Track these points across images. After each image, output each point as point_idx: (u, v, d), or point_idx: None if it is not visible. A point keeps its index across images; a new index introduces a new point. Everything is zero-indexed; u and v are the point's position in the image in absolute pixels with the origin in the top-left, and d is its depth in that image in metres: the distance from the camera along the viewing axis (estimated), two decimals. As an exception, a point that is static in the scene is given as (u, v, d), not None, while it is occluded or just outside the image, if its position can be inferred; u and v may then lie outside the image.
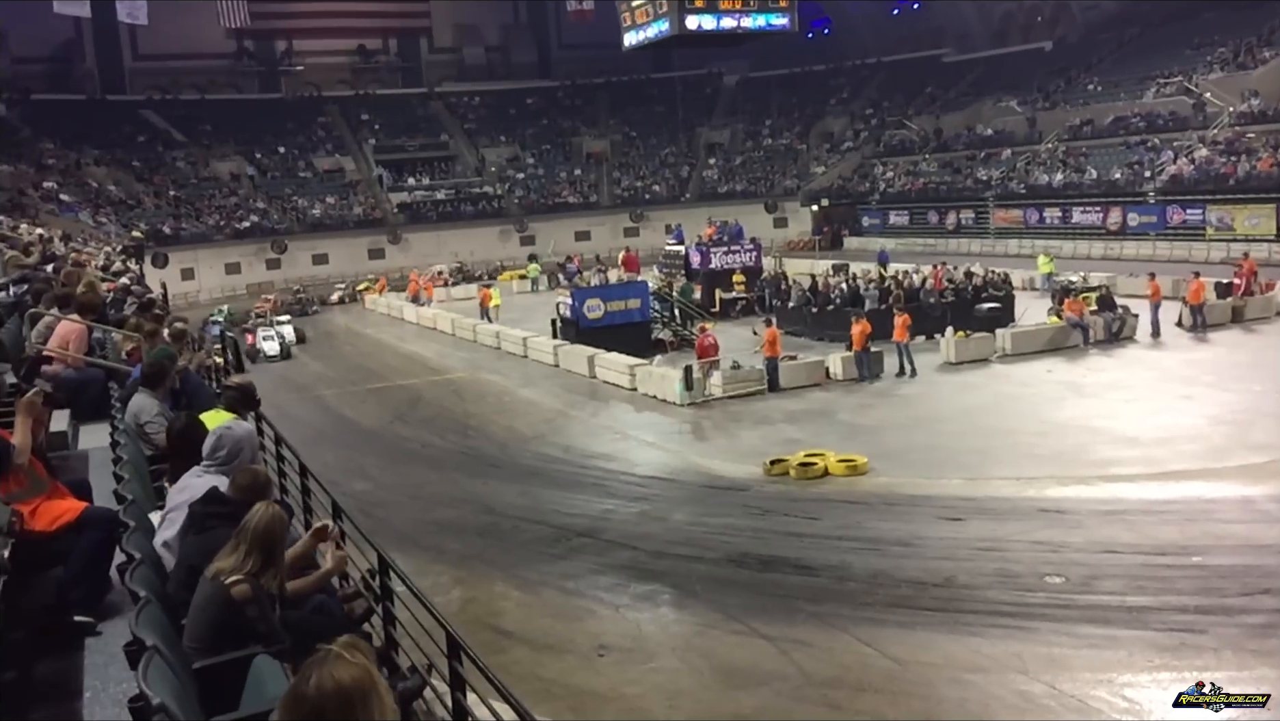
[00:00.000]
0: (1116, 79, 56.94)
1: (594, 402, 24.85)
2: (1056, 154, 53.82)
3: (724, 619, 11.84)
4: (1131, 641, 10.54)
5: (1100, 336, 26.64)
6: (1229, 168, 43.66)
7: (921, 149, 63.99)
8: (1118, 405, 20.67)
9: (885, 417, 21.35)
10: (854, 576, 12.95)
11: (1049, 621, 11.20)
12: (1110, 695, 9.42)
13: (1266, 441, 17.17)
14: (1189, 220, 44.18)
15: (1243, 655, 10.05)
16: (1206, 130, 47.09)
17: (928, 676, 10.14)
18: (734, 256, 38.17)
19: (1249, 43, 50.97)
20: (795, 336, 29.24)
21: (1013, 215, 53.04)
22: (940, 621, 11.42)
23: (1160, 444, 17.52)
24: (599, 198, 70.13)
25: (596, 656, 11.07)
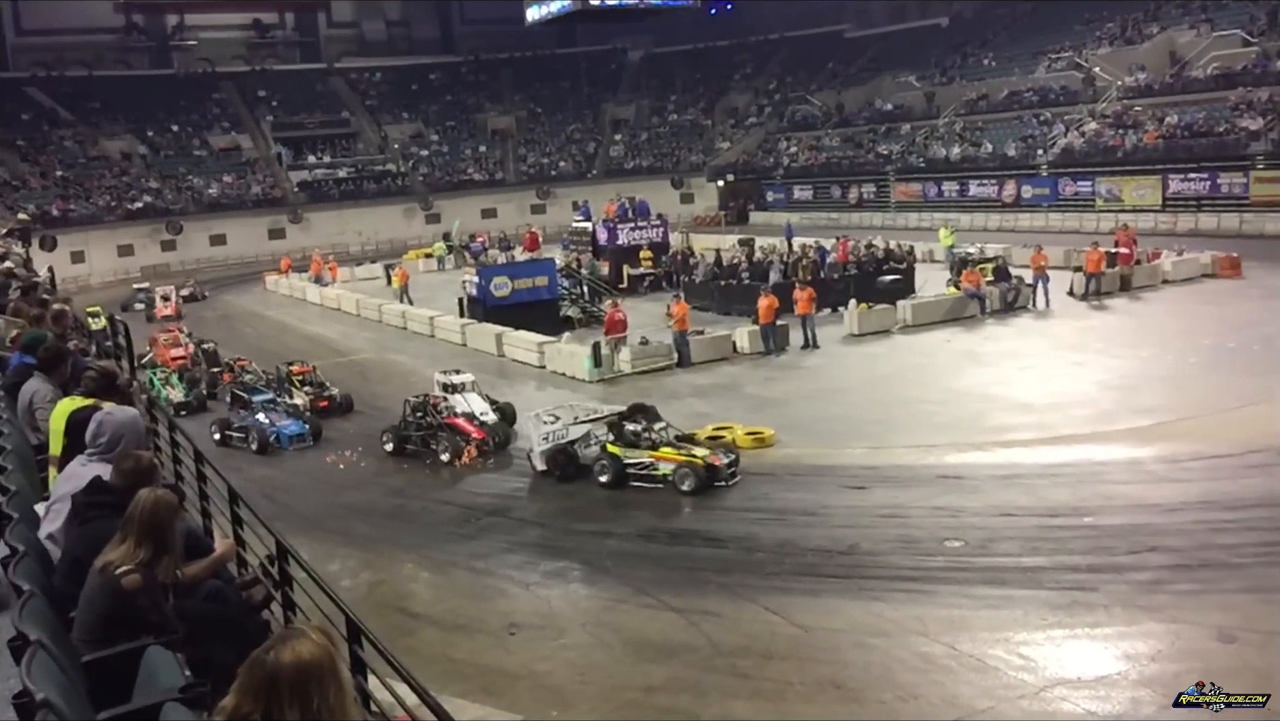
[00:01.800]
0: (1010, 54, 58.24)
1: (502, 381, 24.71)
2: (954, 128, 54.89)
3: (634, 593, 11.93)
4: (1027, 601, 10.90)
5: (996, 306, 27.37)
6: (1117, 140, 45.03)
7: (824, 124, 64.73)
8: (1013, 373, 21.28)
9: (791, 390, 21.66)
10: (761, 547, 13.15)
11: (949, 584, 11.53)
12: (1007, 653, 9.75)
13: (1153, 405, 17.86)
14: (1080, 192, 45.53)
15: (1131, 611, 10.48)
16: (1096, 104, 48.47)
17: (833, 642, 10.36)
18: (641, 233, 38.24)
19: (1135, 18, 52.54)
20: (703, 311, 29.41)
21: (912, 189, 54.04)
22: (845, 588, 11.68)
23: (1053, 409, 18.09)
24: (505, 175, 69.57)
25: (507, 634, 11.08)
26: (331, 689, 2.82)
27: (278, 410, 20.65)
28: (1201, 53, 46.35)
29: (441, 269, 48.34)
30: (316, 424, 20.40)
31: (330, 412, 21.71)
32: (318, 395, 22.12)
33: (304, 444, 19.64)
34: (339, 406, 22.11)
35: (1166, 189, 41.93)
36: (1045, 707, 8.76)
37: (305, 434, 19.81)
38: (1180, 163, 41.75)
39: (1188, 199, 41.27)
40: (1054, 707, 8.76)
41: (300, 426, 19.96)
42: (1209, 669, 9.20)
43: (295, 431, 19.77)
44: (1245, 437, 15.54)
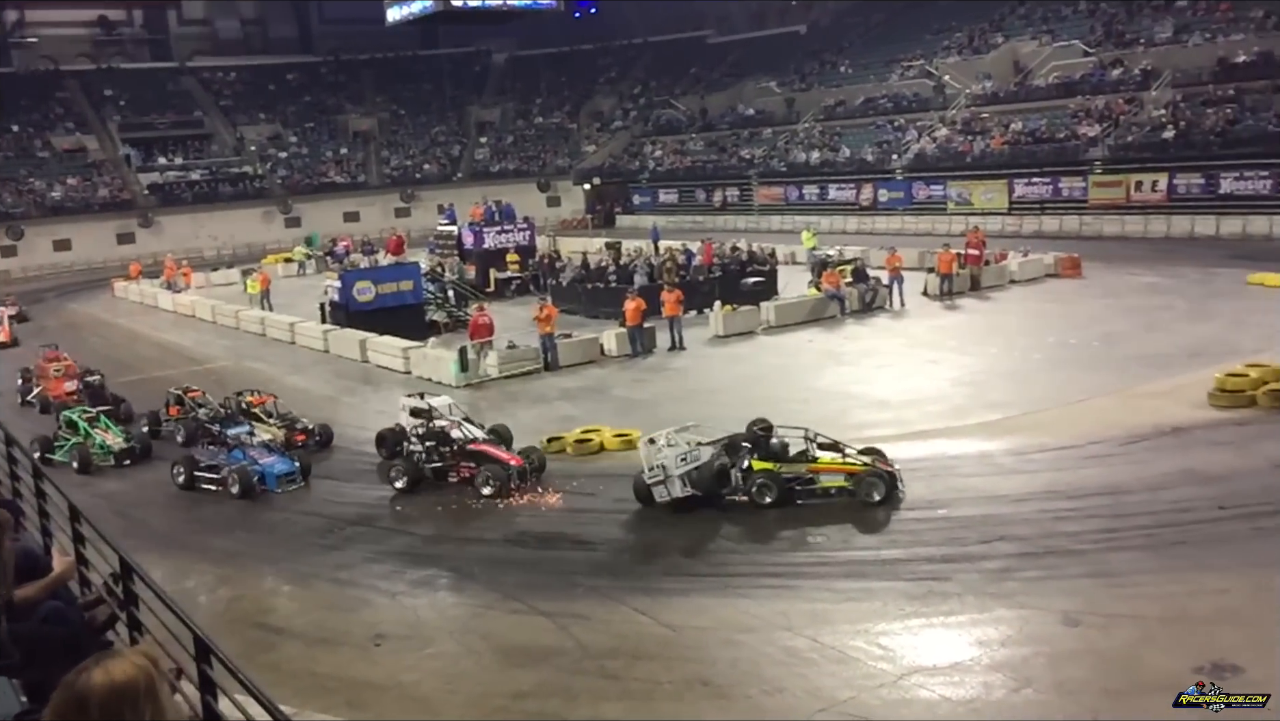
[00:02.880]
0: (865, 62, 59.96)
1: (366, 387, 24.30)
2: (813, 133, 56.22)
3: (502, 598, 11.86)
4: (885, 592, 11.23)
5: (855, 307, 28.15)
6: (966, 146, 46.83)
7: (688, 128, 65.51)
8: (872, 371, 21.92)
9: (659, 391, 21.85)
10: (630, 548, 13.25)
11: (811, 579, 11.80)
12: (867, 644, 10.03)
13: (1002, 400, 18.63)
14: (933, 195, 47.20)
15: (983, 598, 10.90)
16: (946, 111, 50.31)
17: (701, 640, 10.49)
18: (508, 236, 38.05)
19: (981, 28, 54.74)
20: (570, 314, 29.43)
21: (775, 192, 55.12)
22: (712, 586, 11.84)
23: (909, 405, 18.71)
24: (368, 177, 68.33)
25: (373, 646, 10.88)
26: (148, 710, 2.74)
27: (258, 446, 17.44)
28: (1043, 62, 48.56)
29: (302, 274, 47.18)
30: (306, 460, 17.32)
31: (305, 449, 18.50)
32: (290, 428, 18.92)
33: (294, 484, 16.50)
34: (317, 441, 18.93)
35: (1012, 193, 43.82)
36: (903, 695, 9.04)
37: (295, 472, 16.64)
38: (1025, 167, 43.68)
39: (1032, 202, 43.21)
40: (911, 695, 9.05)
41: (289, 463, 16.75)
42: (1055, 652, 9.67)
43: (284, 470, 16.54)
44: (1086, 430, 16.34)
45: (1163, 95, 42.06)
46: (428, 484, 16.18)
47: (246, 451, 17.00)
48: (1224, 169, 37.34)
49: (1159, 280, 29.21)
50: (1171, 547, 11.82)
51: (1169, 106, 41.09)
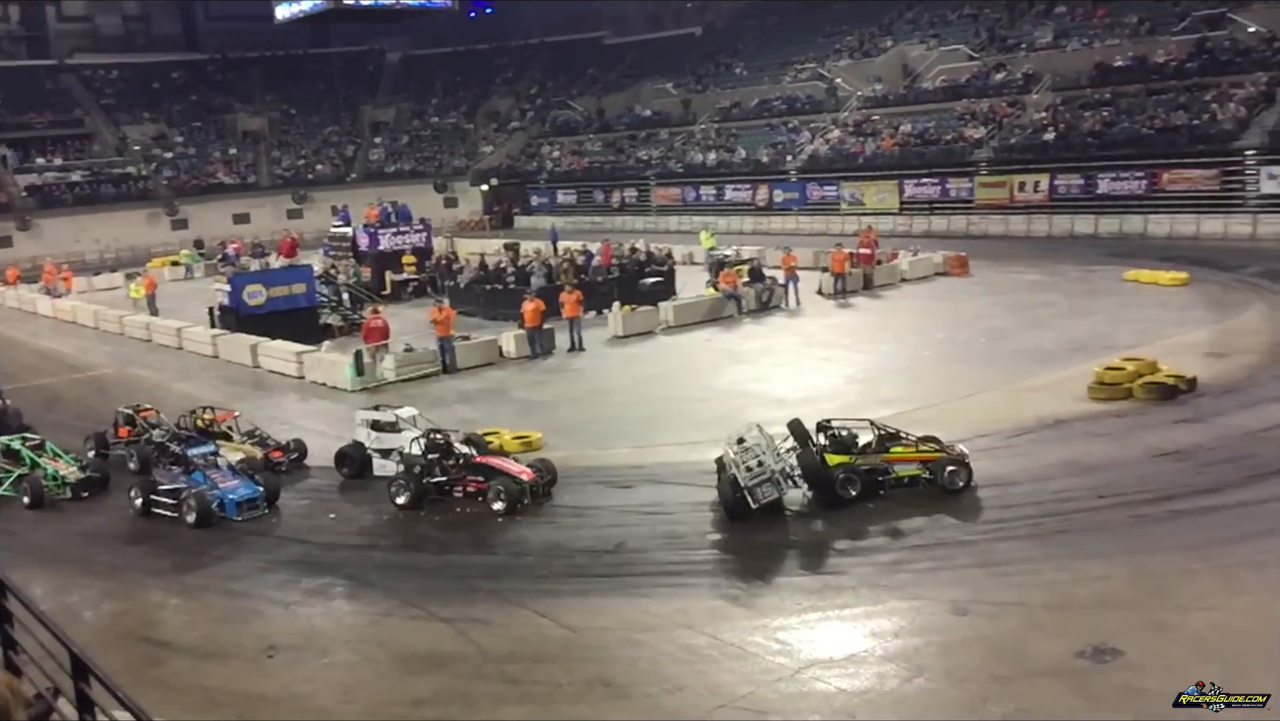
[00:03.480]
0: (760, 64, 60.72)
1: (258, 394, 23.73)
2: (709, 134, 56.72)
3: (401, 605, 11.71)
4: (784, 587, 11.41)
5: (752, 306, 28.49)
6: (858, 147, 47.77)
7: (586, 129, 65.52)
8: (769, 369, 22.21)
9: (558, 393, 21.81)
10: (530, 550, 13.18)
11: (711, 576, 11.92)
12: (765, 639, 10.15)
13: (893, 395, 19.04)
14: (827, 196, 48.03)
15: (877, 590, 11.13)
16: (838, 113, 51.24)
17: (602, 640, 10.50)
18: (404, 237, 37.58)
19: (871, 33, 55.89)
20: (469, 316, 29.20)
21: (672, 193, 55.47)
22: (613, 586, 11.86)
23: (805, 403, 18.91)
24: (258, 178, 66.77)
25: (265, 658, 10.63)
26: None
27: (221, 468, 15.73)
28: (930, 66, 49.81)
29: (190, 277, 45.91)
30: (274, 483, 15.75)
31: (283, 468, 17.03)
32: (264, 445, 17.48)
33: (256, 511, 15.03)
34: (295, 459, 17.46)
35: (903, 193, 44.85)
36: (800, 689, 9.18)
37: (258, 498, 15.15)
38: (914, 168, 44.76)
39: (922, 202, 44.28)
40: (809, 688, 9.19)
41: (252, 488, 15.22)
42: (946, 641, 9.93)
43: (246, 495, 15.05)
44: (974, 423, 16.78)
45: (1043, 98, 43.49)
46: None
47: (209, 474, 15.38)
48: (1101, 170, 38.80)
49: (1041, 278, 30.18)
50: (1055, 536, 12.23)
51: (1049, 109, 42.51)
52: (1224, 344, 20.90)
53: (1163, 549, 11.68)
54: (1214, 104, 37.61)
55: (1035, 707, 8.71)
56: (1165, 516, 12.68)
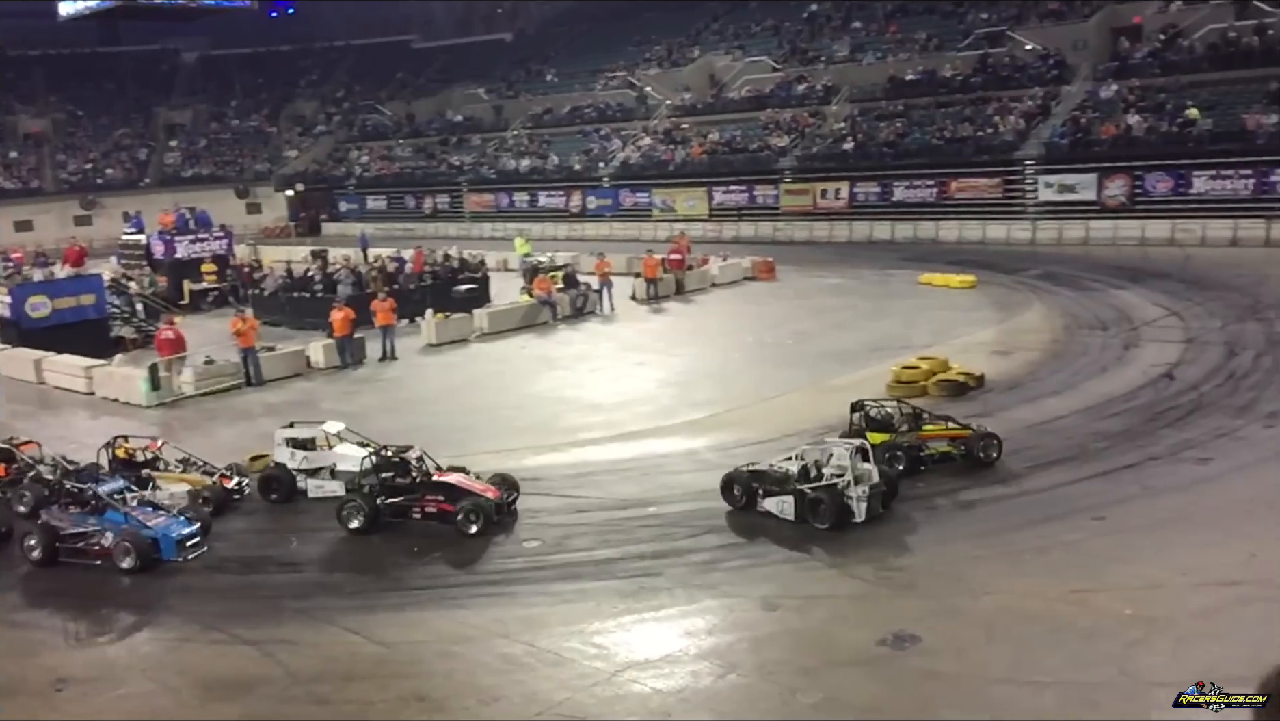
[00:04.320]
0: (571, 71, 61.01)
1: (44, 412, 22.28)
2: (522, 141, 56.62)
3: (202, 629, 11.20)
4: (600, 592, 11.46)
5: (567, 312, 28.61)
6: (668, 155, 48.61)
7: (395, 134, 64.34)
8: (584, 375, 22.35)
9: (371, 403, 21.31)
10: (341, 566, 12.85)
11: (528, 584, 11.87)
12: (582, 644, 10.20)
13: (706, 398, 19.46)
14: (639, 202, 48.70)
15: (691, 590, 11.34)
16: (648, 121, 52.02)
17: (416, 654, 10.31)
18: (203, 245, 36.01)
19: (679, 42, 57.00)
20: (275, 326, 28.22)
21: (486, 199, 55.09)
22: (428, 599, 11.67)
23: (620, 408, 19.20)
24: (41, 183, 62.73)
25: (54, 692, 9.99)
26: None
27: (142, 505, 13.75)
28: (736, 76, 51.17)
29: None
30: (205, 517, 13.94)
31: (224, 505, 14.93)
32: (209, 473, 15.49)
33: (200, 550, 13.31)
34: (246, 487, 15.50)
35: (712, 200, 45.91)
36: (617, 691, 9.26)
37: (198, 534, 13.42)
38: (723, 176, 45.89)
39: (730, 209, 45.44)
40: (625, 690, 9.28)
41: (186, 524, 13.39)
42: (757, 636, 10.21)
43: (187, 532, 13.24)
44: (783, 423, 17.36)
45: (842, 109, 45.32)
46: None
47: (130, 513, 13.36)
48: (896, 178, 40.74)
49: (843, 281, 31.43)
50: (858, 529, 12.73)
51: (848, 120, 44.33)
52: (1008, 342, 22.24)
53: (955, 538, 12.35)
54: (996, 117, 40.01)
55: (841, 696, 9.07)
56: (957, 507, 13.42)
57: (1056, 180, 37.07)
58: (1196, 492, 13.25)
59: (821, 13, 53.27)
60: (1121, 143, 35.94)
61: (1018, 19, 44.60)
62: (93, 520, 13.39)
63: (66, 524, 13.44)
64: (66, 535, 13.35)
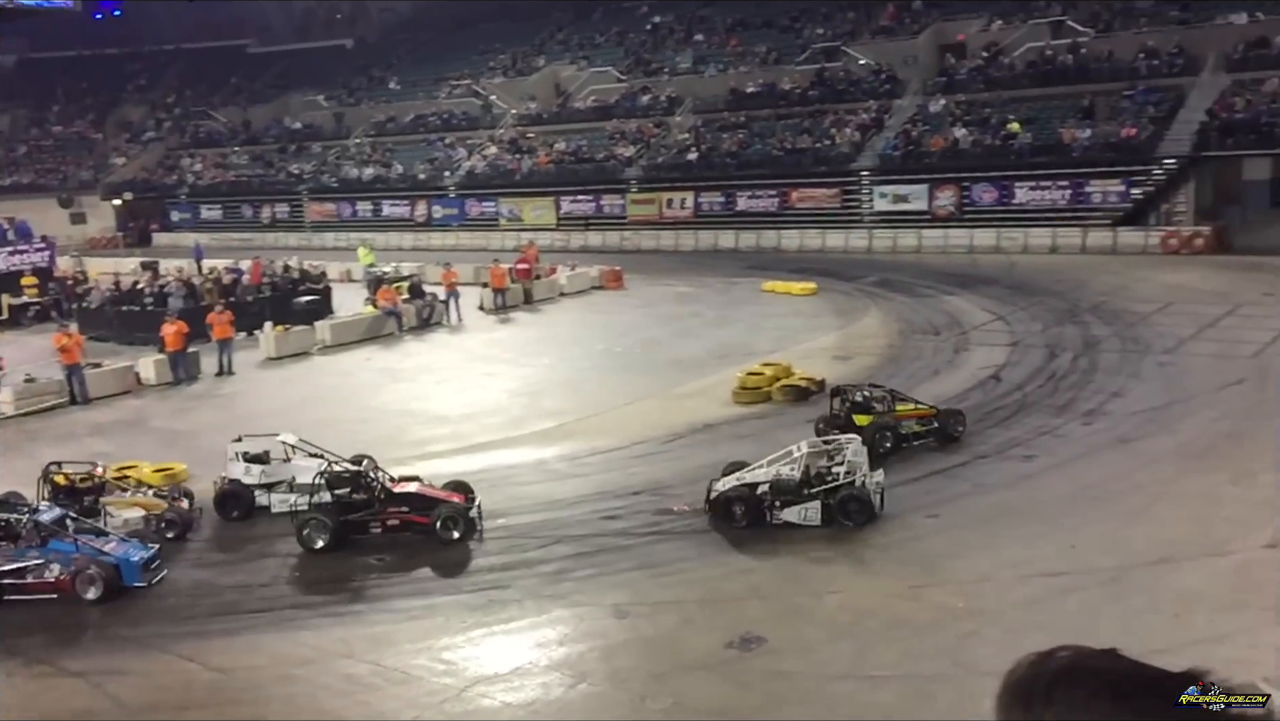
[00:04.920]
0: (414, 79, 60.11)
1: None
2: (365, 149, 55.52)
3: (25, 662, 10.59)
4: (448, 607, 11.32)
5: (413, 323, 28.15)
6: (515, 164, 48.42)
7: (231, 141, 62.18)
8: (430, 387, 22.05)
9: (206, 420, 20.52)
10: (174, 591, 12.32)
11: (373, 601, 11.64)
12: (430, 661, 10.05)
13: (555, 408, 19.43)
14: (486, 212, 48.32)
15: (541, 601, 11.31)
16: (494, 130, 51.72)
17: (255, 680, 9.98)
18: (22, 257, 34.18)
19: (524, 51, 56.83)
20: (102, 341, 26.92)
21: (327, 209, 53.75)
22: (267, 621, 11.30)
23: (467, 419, 19.01)
24: None
25: None
26: None
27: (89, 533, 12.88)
28: (582, 86, 51.34)
29: None
30: (156, 540, 13.26)
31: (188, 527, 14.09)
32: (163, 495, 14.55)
33: (161, 573, 12.54)
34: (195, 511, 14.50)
35: (560, 209, 45.91)
36: (466, 707, 9.16)
37: (157, 556, 12.69)
38: (570, 185, 45.93)
39: (578, 218, 45.51)
40: (474, 705, 9.18)
41: (144, 548, 12.67)
42: (608, 644, 10.25)
43: (147, 556, 12.45)
44: (632, 431, 17.49)
45: (686, 120, 45.97)
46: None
47: (80, 541, 12.46)
48: (739, 189, 41.53)
49: (690, 290, 31.84)
50: (708, 534, 12.92)
51: (692, 131, 44.99)
52: (848, 347, 22.95)
53: (799, 539, 12.64)
54: (833, 129, 41.24)
55: (690, 699, 9.18)
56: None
57: (890, 191, 38.42)
58: (1022, 488, 13.93)
59: (664, 25, 53.94)
60: (950, 155, 37.53)
61: (851, 35, 46.08)
62: (33, 553, 12.34)
63: (7, 559, 12.32)
64: (6, 571, 12.24)
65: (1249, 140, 32.52)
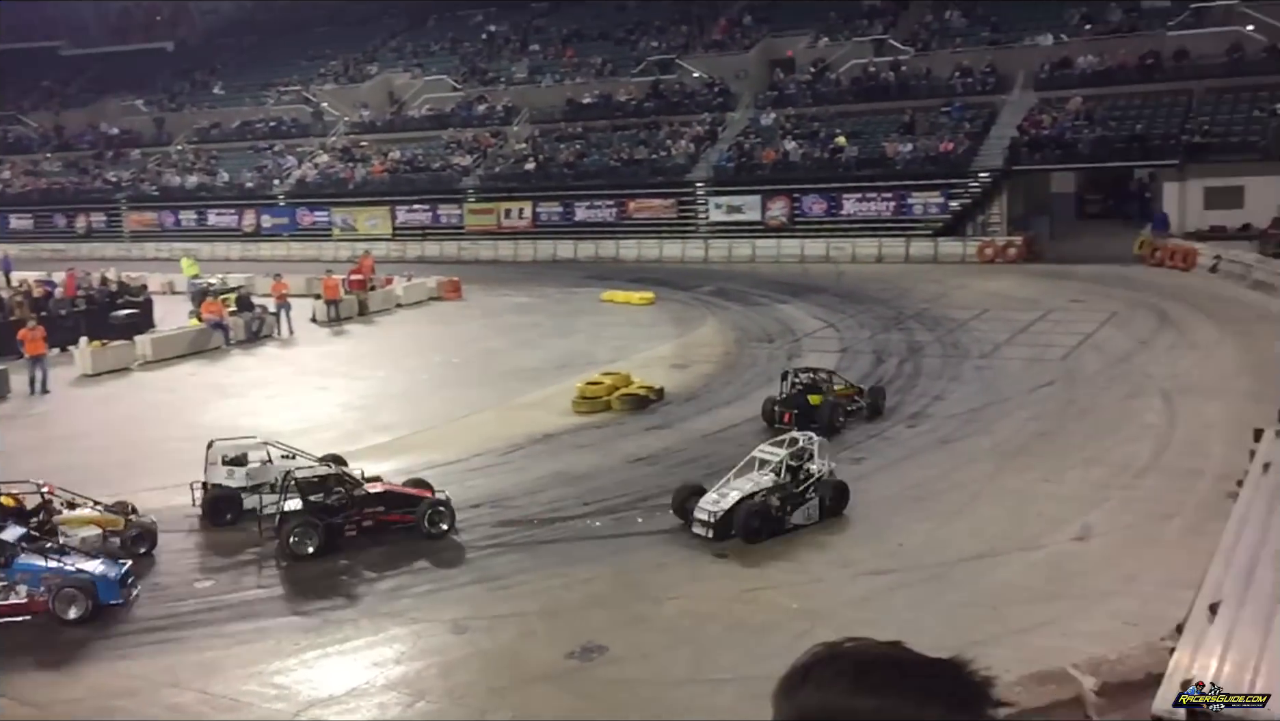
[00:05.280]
0: (240, 84, 58.18)
1: None
2: (188, 156, 53.37)
3: None
4: (280, 629, 10.98)
5: (241, 336, 27.22)
6: (348, 173, 47.37)
7: (42, 147, 58.82)
8: (261, 402, 21.34)
9: (16, 441, 19.28)
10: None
11: (200, 627, 11.18)
12: (261, 686, 9.73)
13: (393, 421, 19.11)
14: (318, 222, 47.05)
15: (377, 619, 11.09)
16: (325, 138, 50.50)
17: (72, 713, 9.49)
18: None
19: (355, 58, 55.72)
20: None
21: (148, 218, 51.35)
22: (84, 652, 10.74)
23: (300, 435, 18.32)
24: None
25: None
26: None
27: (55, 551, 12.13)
28: (416, 94, 50.65)
29: None
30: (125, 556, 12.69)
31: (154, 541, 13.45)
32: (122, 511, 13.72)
33: (136, 589, 11.99)
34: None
35: (395, 219, 45.11)
36: (299, 732, 8.91)
37: (130, 572, 12.12)
38: (406, 195, 45.21)
39: (415, 228, 44.81)
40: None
41: (117, 564, 12.13)
42: (446, 661, 10.13)
43: (120, 572, 11.89)
44: (471, 443, 17.34)
45: (523, 130, 45.89)
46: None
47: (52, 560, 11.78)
48: (577, 199, 41.68)
49: (529, 300, 31.78)
50: (547, 546, 12.92)
51: (529, 141, 44.94)
52: (685, 356, 23.30)
53: (639, 547, 12.78)
54: (669, 140, 41.86)
55: (531, 712, 9.17)
56: (640, 516, 13.87)
57: (725, 201, 39.20)
58: (852, 490, 14.40)
59: (500, 34, 53.73)
60: (781, 167, 38.57)
61: (685, 48, 46.87)
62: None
63: None
64: None
65: (1055, 155, 34.55)
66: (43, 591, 11.47)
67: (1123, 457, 14.96)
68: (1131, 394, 18.02)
